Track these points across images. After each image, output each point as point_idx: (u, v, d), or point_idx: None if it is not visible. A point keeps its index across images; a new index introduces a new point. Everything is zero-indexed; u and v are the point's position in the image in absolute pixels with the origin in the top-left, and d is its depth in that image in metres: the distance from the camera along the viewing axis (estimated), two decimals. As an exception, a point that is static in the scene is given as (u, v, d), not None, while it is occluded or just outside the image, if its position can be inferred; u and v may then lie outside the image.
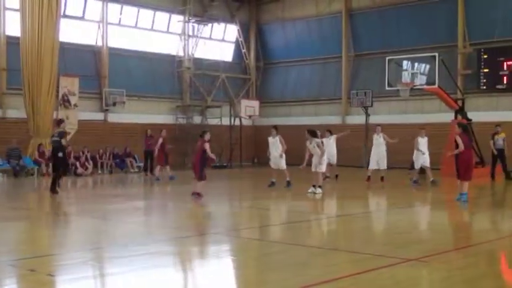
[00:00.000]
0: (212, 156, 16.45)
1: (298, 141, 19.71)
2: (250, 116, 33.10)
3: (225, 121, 33.70)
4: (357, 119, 32.48)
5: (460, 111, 25.91)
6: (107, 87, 30.18)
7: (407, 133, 24.87)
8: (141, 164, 27.34)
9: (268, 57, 37.94)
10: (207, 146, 16.00)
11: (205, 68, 34.52)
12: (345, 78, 34.03)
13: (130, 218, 12.95)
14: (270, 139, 19.45)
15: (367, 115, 31.07)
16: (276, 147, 19.28)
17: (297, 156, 20.23)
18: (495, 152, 22.90)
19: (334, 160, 21.90)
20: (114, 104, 29.88)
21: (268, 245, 9.78)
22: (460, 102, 26.21)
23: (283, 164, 19.26)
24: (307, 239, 10.35)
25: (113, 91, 30.04)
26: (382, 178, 21.32)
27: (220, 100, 34.94)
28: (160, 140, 23.46)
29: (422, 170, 24.95)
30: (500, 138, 22.88)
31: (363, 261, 8.30)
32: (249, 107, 32.77)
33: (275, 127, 19.85)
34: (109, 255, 8.92)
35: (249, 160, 35.31)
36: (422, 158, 20.20)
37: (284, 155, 19.27)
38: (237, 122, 33.56)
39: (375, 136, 21.68)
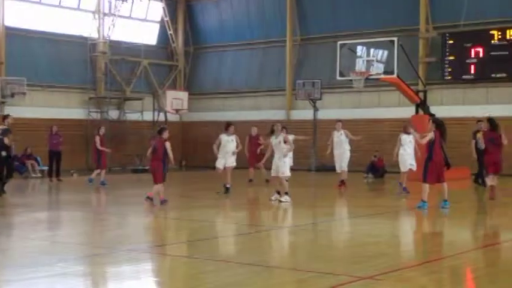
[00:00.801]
0: (172, 159, 17.03)
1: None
2: (177, 111, 32.96)
3: (147, 116, 33.44)
4: (303, 113, 32.79)
5: (422, 105, 26.42)
6: (3, 75, 29.54)
7: (360, 130, 25.21)
8: (45, 168, 26.88)
9: (199, 41, 37.87)
10: (168, 145, 16.58)
11: (123, 53, 34.20)
12: (289, 66, 34.29)
13: (32, 233, 12.71)
14: (224, 137, 19.61)
15: (315, 109, 31.37)
16: (230, 147, 19.54)
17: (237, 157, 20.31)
18: (474, 155, 22.11)
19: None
20: (13, 95, 29.25)
21: (199, 263, 9.76)
22: (421, 95, 26.72)
23: (233, 161, 19.72)
24: (244, 255, 10.37)
25: (11, 80, 29.43)
26: (342, 182, 21.46)
27: (141, 91, 34.69)
28: (97, 139, 23.57)
29: (378, 173, 25.40)
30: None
31: (308, 280, 8.37)
32: (176, 100, 32.62)
33: (230, 124, 20.02)
34: (5, 278, 8.73)
35: (175, 163, 35.12)
36: (409, 158, 20.09)
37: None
38: (162, 118, 33.36)
39: (335, 134, 21.74)
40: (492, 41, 28.88)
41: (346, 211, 17.30)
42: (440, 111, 27.48)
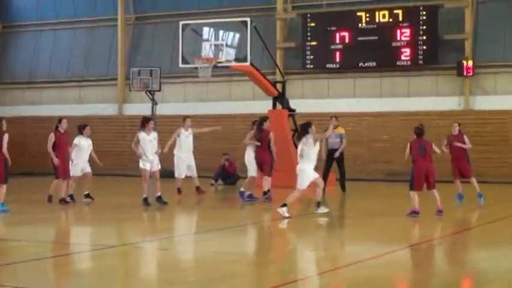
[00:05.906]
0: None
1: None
2: (-19, 104, 32.09)
3: None
4: (139, 108, 32.64)
5: (280, 98, 26.81)
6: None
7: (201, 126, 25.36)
8: None
9: (10, 18, 36.99)
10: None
11: None
12: (121, 51, 34.04)
13: None
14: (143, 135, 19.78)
15: (154, 103, 31.32)
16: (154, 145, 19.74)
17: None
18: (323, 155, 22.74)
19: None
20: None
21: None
22: (279, 86, 27.11)
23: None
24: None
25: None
26: (198, 188, 21.67)
27: None
28: None
29: (230, 179, 25.77)
30: (334, 134, 22.68)
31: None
32: (-20, 90, 31.76)
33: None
34: None
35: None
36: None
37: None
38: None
39: (183, 132, 21.74)
40: (360, 25, 29.79)
41: (190, 225, 17.39)
42: (301, 105, 28.03)
